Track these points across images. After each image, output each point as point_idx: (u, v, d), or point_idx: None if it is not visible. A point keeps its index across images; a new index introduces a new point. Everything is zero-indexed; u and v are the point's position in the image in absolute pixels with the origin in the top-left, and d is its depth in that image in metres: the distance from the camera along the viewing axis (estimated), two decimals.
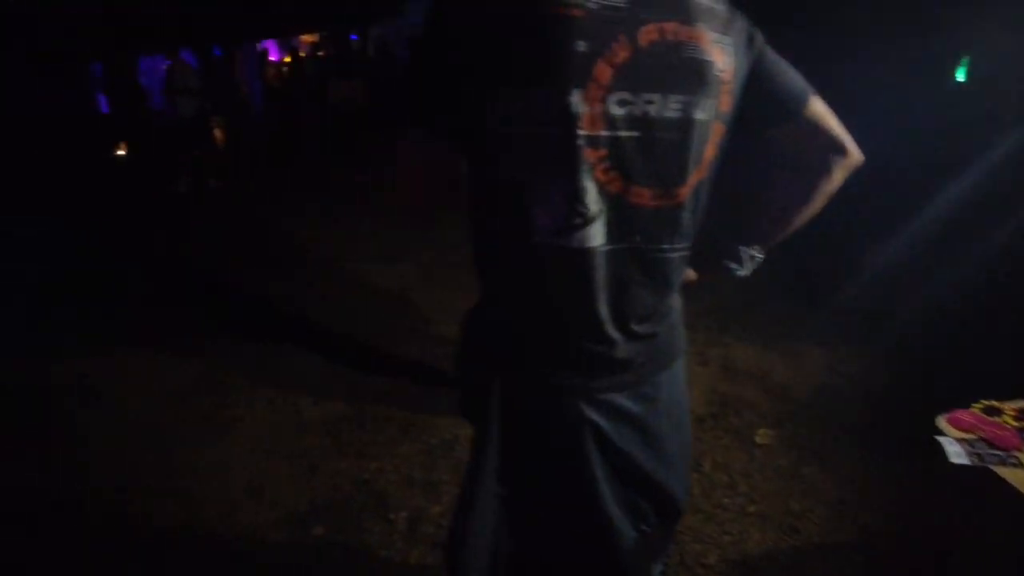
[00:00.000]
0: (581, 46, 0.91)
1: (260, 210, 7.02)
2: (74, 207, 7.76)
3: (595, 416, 1.13)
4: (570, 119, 0.93)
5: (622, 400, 1.15)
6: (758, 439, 3.03)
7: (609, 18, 0.93)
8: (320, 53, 13.00)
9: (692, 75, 0.98)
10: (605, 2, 0.93)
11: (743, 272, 1.40)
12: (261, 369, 3.55)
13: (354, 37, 13.31)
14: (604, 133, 0.95)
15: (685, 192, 1.04)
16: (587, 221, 0.99)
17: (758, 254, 1.37)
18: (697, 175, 1.05)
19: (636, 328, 1.12)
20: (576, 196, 0.98)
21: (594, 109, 0.94)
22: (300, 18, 12.55)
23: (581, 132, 0.94)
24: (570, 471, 1.17)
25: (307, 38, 13.84)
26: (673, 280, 1.15)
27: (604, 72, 0.93)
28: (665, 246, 1.08)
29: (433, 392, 3.28)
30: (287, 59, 13.31)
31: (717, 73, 1.00)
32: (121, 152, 12.11)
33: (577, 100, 0.92)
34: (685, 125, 0.99)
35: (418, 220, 5.55)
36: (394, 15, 13.29)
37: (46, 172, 10.24)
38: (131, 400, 3.33)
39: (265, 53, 13.54)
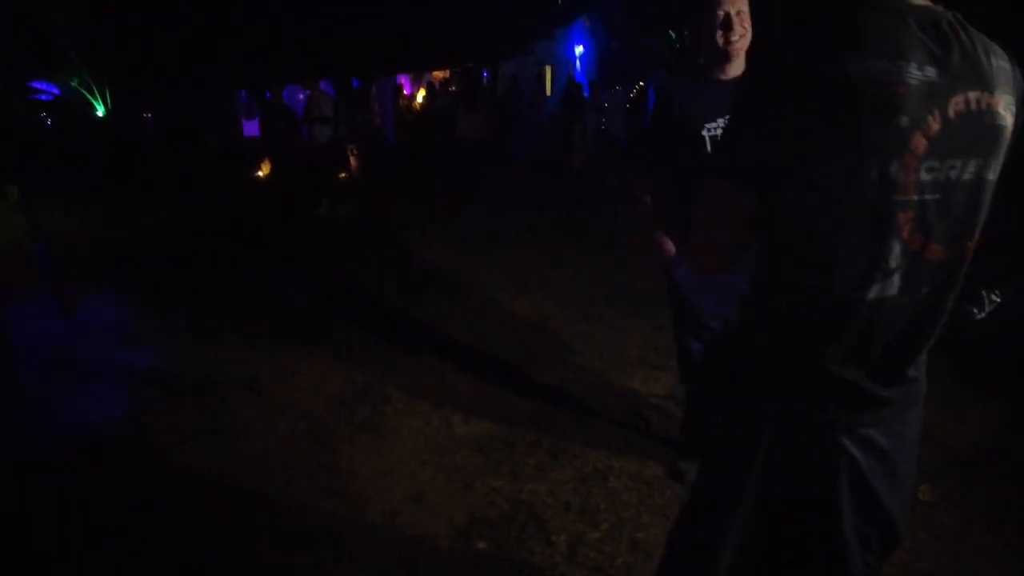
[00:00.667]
0: (903, 121, 0.99)
1: (394, 234, 7.36)
2: (225, 224, 8.46)
3: (853, 449, 1.17)
4: (888, 186, 1.01)
5: (877, 435, 1.19)
6: (921, 495, 2.83)
7: (926, 92, 1.00)
8: (451, 88, 13.63)
9: (988, 140, 1.06)
10: (923, 76, 0.99)
11: (981, 316, 1.40)
12: (414, 384, 3.69)
13: (485, 74, 13.86)
14: (914, 197, 1.03)
15: (971, 247, 1.12)
16: (886, 275, 1.07)
17: (996, 297, 1.37)
18: (980, 230, 1.12)
19: (908, 372, 1.18)
20: (882, 254, 1.06)
21: (908, 177, 1.01)
22: (436, 55, 13.24)
23: (896, 198, 1.02)
24: (819, 501, 1.20)
25: (439, 74, 14.55)
26: (941, 326, 1.20)
27: (919, 144, 1.00)
28: (947, 296, 1.15)
29: (579, 421, 3.30)
30: (421, 92, 14.02)
31: (1007, 135, 1.07)
32: (261, 173, 13.12)
33: (895, 169, 1.00)
34: (979, 186, 1.08)
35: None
36: (523, 54, 13.78)
37: (201, 191, 11.23)
38: (297, 401, 3.55)
39: (400, 87, 14.33)
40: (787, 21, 1.09)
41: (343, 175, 9.38)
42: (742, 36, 2.36)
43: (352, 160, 10.42)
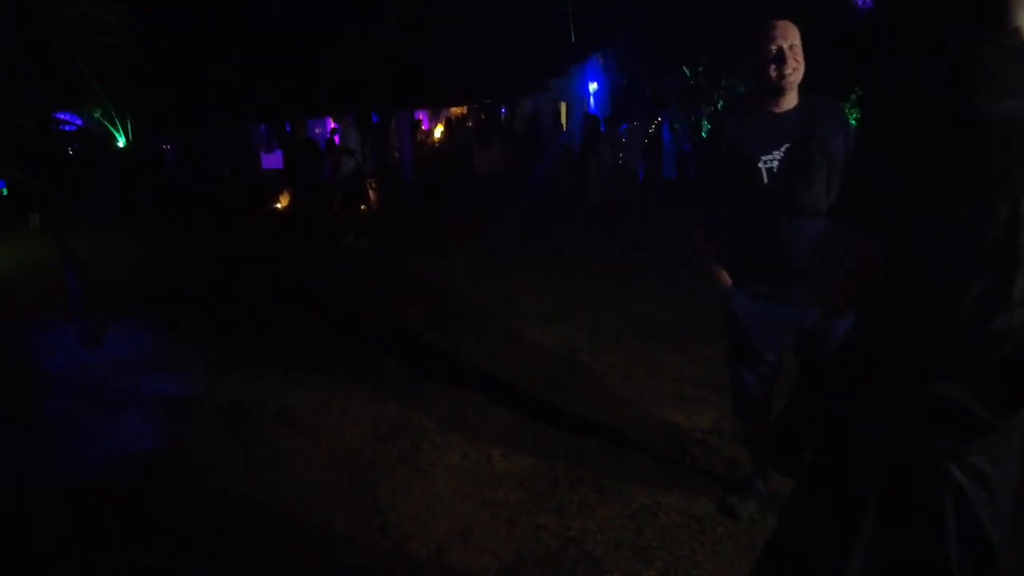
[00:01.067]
0: None
1: (416, 266, 7.36)
2: (248, 255, 8.50)
3: (960, 477, 1.18)
4: (1018, 223, 1.04)
5: (983, 462, 1.20)
6: None
7: None
8: (469, 123, 13.80)
9: None
10: None
11: None
12: (450, 417, 3.64)
13: (504, 111, 14.04)
14: None
15: None
16: (1011, 308, 1.10)
17: None
18: None
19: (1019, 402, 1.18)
20: (1009, 287, 1.08)
21: None
22: (454, 91, 13.46)
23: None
24: (926, 528, 1.21)
25: (457, 110, 14.76)
26: None
27: None
28: None
29: (622, 456, 3.23)
30: (440, 127, 14.20)
31: None
32: (280, 205, 13.22)
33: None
34: None
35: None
36: (540, 90, 13.97)
37: (220, 222, 11.31)
38: (330, 433, 3.50)
39: (418, 122, 14.52)
40: (900, 60, 1.10)
41: (363, 207, 9.43)
42: (795, 70, 2.36)
43: (372, 193, 10.49)
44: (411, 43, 13.53)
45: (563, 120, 15.92)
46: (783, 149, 2.36)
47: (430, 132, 14.50)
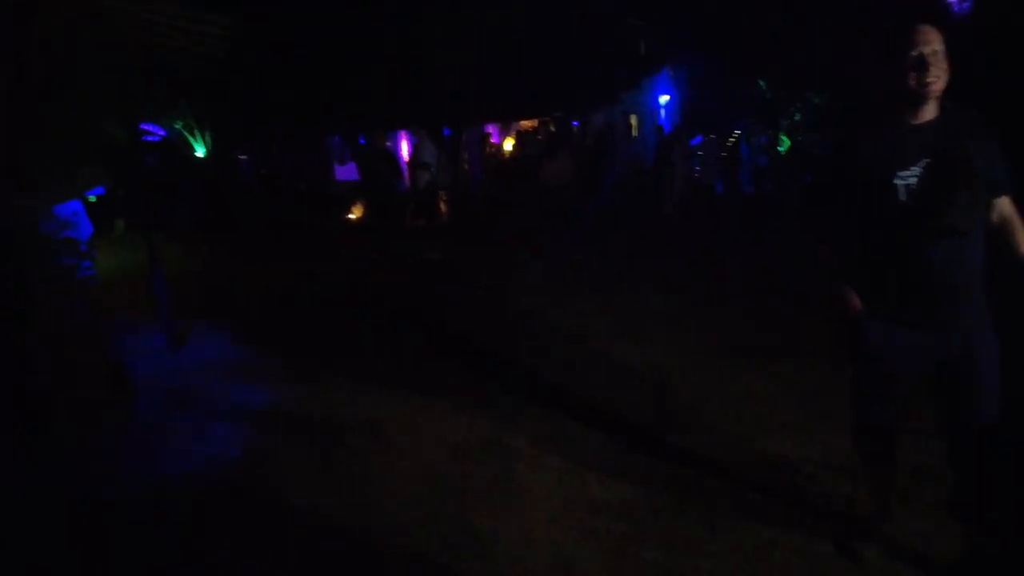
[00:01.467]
0: None
1: (490, 279, 7.28)
2: (323, 264, 8.60)
3: None
4: None
5: None
6: None
7: None
8: (539, 136, 13.76)
9: None
10: None
11: None
12: (541, 438, 3.50)
13: (576, 124, 13.96)
14: None
15: None
16: None
17: None
18: None
19: None
20: None
21: None
22: (526, 105, 13.45)
23: None
24: None
25: (527, 123, 14.76)
26: None
27: None
28: None
29: (727, 488, 3.02)
30: (510, 140, 14.21)
31: None
32: (353, 216, 13.43)
33: None
34: None
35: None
36: (611, 103, 13.83)
37: (294, 232, 11.52)
38: (420, 450, 3.41)
39: (488, 135, 14.57)
40: None
41: (436, 220, 9.45)
42: (938, 78, 2.14)
43: (442, 205, 10.52)
44: (483, 57, 13.61)
45: (634, 133, 15.74)
46: (922, 163, 2.15)
47: (500, 145, 14.52)
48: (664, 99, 18.99)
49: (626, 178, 12.62)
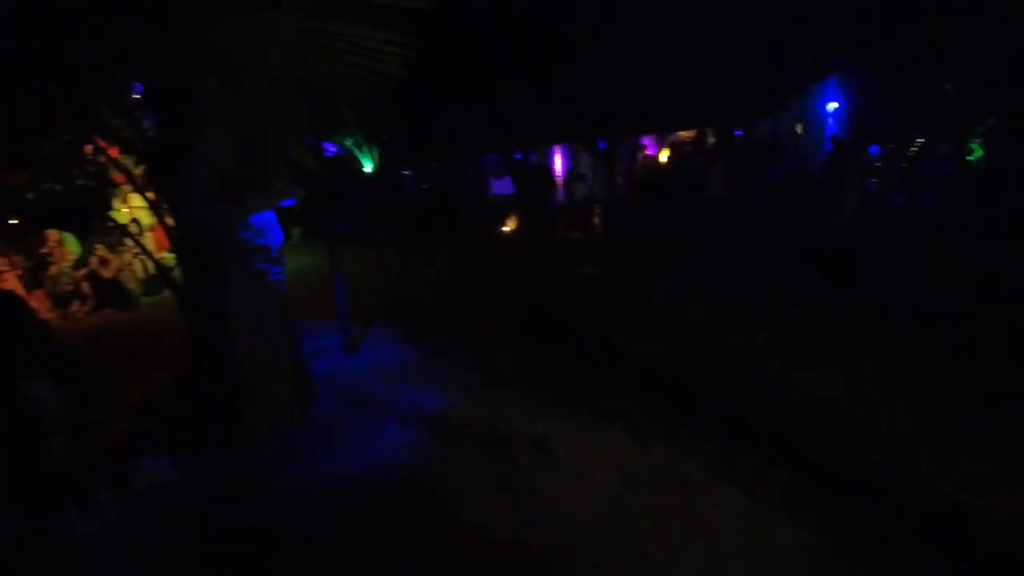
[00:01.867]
0: None
1: (653, 294, 7.03)
2: (482, 276, 8.74)
3: None
4: None
5: None
6: None
7: None
8: (698, 147, 13.27)
9: None
10: None
11: None
12: (720, 468, 3.30)
13: (738, 133, 13.32)
14: None
15: None
16: None
17: None
18: None
19: None
20: None
21: None
22: (686, 114, 13.02)
23: None
24: None
25: (684, 133, 14.28)
26: None
27: None
28: None
29: (940, 549, 2.65)
30: (666, 152, 13.84)
31: None
32: (507, 228, 13.67)
33: None
34: None
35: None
36: (779, 111, 13.06)
37: (455, 244, 11.88)
38: (592, 472, 3.33)
39: (642, 147, 14.28)
40: None
41: (591, 233, 9.34)
42: None
43: (596, 218, 10.40)
44: (637, 68, 13.37)
45: (801, 142, 14.75)
46: None
47: (655, 157, 14.17)
48: (832, 106, 17.63)
49: (793, 191, 11.81)
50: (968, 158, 12.80)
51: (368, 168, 20.04)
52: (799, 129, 15.60)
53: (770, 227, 10.47)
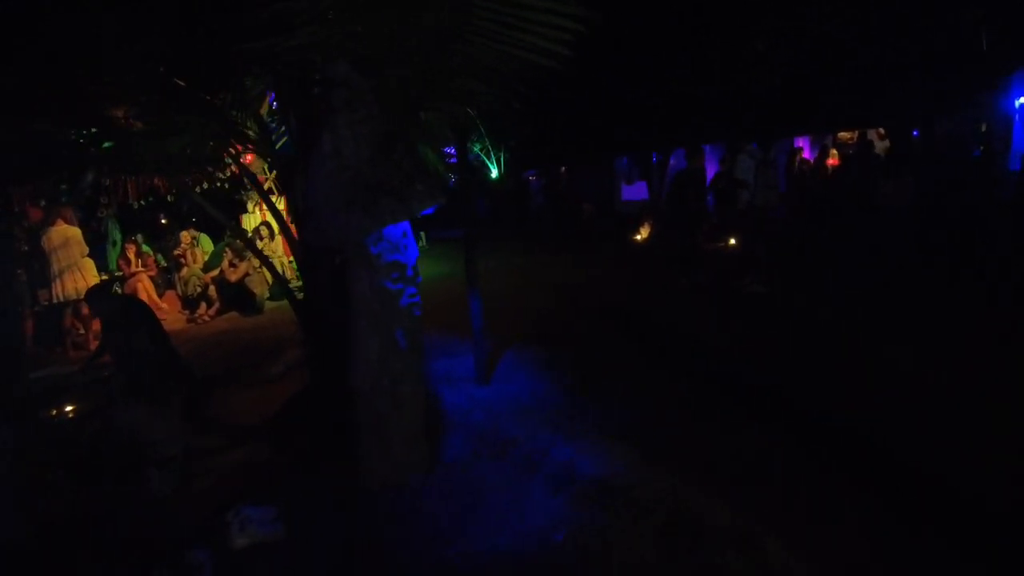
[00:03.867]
0: None
1: (836, 321, 5.86)
2: (624, 293, 7.82)
3: None
4: None
5: None
6: None
7: None
8: (865, 149, 11.69)
9: None
10: None
11: None
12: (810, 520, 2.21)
13: (915, 133, 11.63)
14: None
15: None
16: None
17: None
18: None
19: None
20: None
21: None
22: (850, 112, 11.48)
23: None
24: None
25: (846, 134, 12.70)
26: None
27: None
28: None
29: None
30: (833, 154, 12.33)
31: None
32: (640, 237, 12.66)
33: None
34: None
35: None
36: (963, 108, 11.27)
37: (585, 253, 11.03)
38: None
39: (799, 150, 12.82)
40: None
41: (756, 245, 8.16)
42: None
43: (757, 229, 9.19)
44: (792, 62, 11.97)
45: (989, 143, 12.74)
46: None
47: (814, 160, 12.64)
48: (1021, 101, 15.23)
49: (988, 200, 10.05)
50: None
51: (493, 174, 19.70)
52: (983, 128, 13.57)
53: (963, 243, 8.81)
